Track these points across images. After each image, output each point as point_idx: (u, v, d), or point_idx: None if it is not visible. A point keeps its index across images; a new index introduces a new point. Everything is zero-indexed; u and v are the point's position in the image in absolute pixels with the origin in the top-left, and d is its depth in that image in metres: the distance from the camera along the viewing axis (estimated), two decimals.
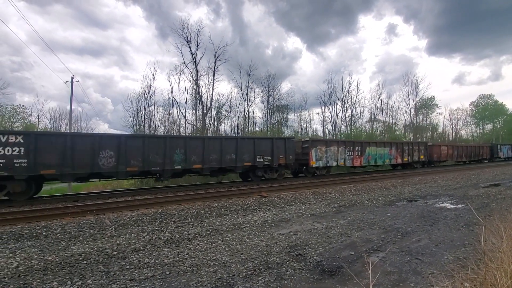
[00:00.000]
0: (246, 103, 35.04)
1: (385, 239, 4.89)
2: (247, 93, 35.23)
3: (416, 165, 22.74)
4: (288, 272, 3.54)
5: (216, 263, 3.89)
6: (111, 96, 73.35)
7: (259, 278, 3.38)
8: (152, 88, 31.68)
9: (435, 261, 3.84)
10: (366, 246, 4.50)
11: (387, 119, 42.84)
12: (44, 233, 5.66)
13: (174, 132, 29.43)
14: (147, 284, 3.31)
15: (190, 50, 28.83)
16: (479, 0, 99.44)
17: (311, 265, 3.78)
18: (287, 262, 3.87)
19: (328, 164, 16.37)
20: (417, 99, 45.51)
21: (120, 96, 77.27)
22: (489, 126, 56.89)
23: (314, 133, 40.05)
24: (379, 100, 42.98)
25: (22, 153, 8.79)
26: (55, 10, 77.97)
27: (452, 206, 7.71)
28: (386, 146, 20.24)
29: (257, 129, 35.84)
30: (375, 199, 9.09)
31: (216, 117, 32.23)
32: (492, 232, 3.58)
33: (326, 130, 39.44)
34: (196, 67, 28.77)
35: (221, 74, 53.70)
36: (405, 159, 21.27)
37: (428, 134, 46.96)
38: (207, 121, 29.90)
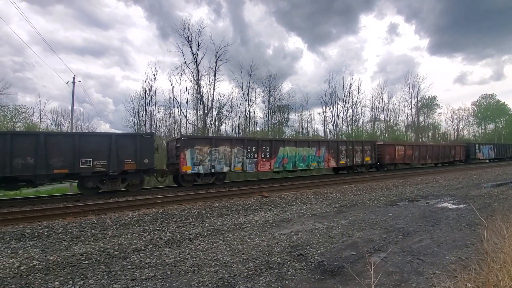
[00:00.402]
0: (247, 103, 35.03)
1: (387, 239, 4.88)
2: (248, 93, 35.21)
3: (361, 169, 18.53)
4: (289, 272, 3.54)
5: (217, 263, 3.89)
6: (112, 96, 73.53)
7: (260, 278, 3.38)
8: (153, 88, 31.61)
9: (437, 261, 3.82)
10: (368, 246, 4.49)
11: (388, 119, 42.71)
12: (46, 233, 5.67)
13: (175, 132, 29.44)
14: (148, 284, 3.31)
15: (191, 50, 28.86)
16: None
17: (313, 265, 3.77)
18: (288, 262, 3.87)
19: (215, 170, 12.35)
20: (419, 99, 45.31)
21: (121, 96, 77.43)
22: (491, 126, 56.69)
23: (315, 133, 40.02)
24: (381, 100, 42.82)
25: None
26: (57, 10, 78.30)
27: (454, 206, 7.68)
28: (312, 146, 15.74)
29: (258, 129, 35.87)
30: (376, 199, 9.07)
31: (217, 117, 32.26)
32: (495, 232, 3.56)
33: (327, 130, 39.45)
34: (197, 67, 28.79)
35: (222, 74, 53.81)
36: (342, 161, 16.97)
37: (430, 134, 46.82)
38: (208, 121, 29.93)
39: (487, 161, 32.31)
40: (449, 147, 26.26)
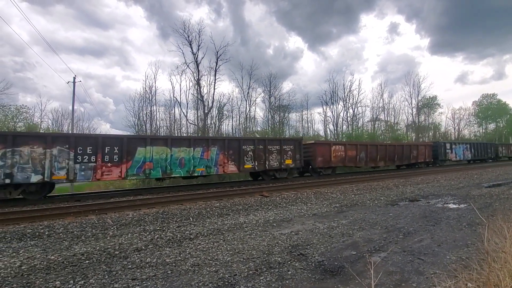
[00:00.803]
0: (247, 103, 35.12)
1: (387, 239, 4.88)
2: (248, 92, 35.32)
3: (280, 174, 14.72)
4: (289, 272, 3.54)
5: (218, 263, 3.90)
6: (113, 96, 73.69)
7: (261, 278, 3.38)
8: (153, 88, 31.78)
9: (438, 261, 3.82)
10: (368, 246, 4.48)
11: (389, 119, 42.74)
12: (46, 233, 5.69)
13: (176, 132, 29.42)
14: (149, 283, 3.32)
15: (192, 50, 28.96)
16: None
17: (313, 265, 3.77)
18: (289, 262, 3.87)
19: (13, 181, 8.84)
20: (419, 98, 45.38)
21: (122, 96, 77.58)
22: (492, 126, 56.64)
23: (316, 133, 40.04)
24: (381, 100, 42.90)
25: None
26: (57, 10, 78.40)
27: (454, 206, 7.67)
28: (196, 145, 11.96)
29: (259, 128, 35.89)
30: (377, 199, 9.07)
31: (217, 117, 32.32)
32: (495, 232, 3.56)
33: (328, 130, 39.46)
34: (198, 67, 28.88)
35: (222, 74, 54.19)
36: (247, 166, 13.24)
37: (431, 133, 46.79)
38: (209, 121, 29.97)
39: (467, 162, 28.81)
40: (409, 147, 22.20)
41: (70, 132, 25.02)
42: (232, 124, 35.48)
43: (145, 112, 31.05)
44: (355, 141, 23.07)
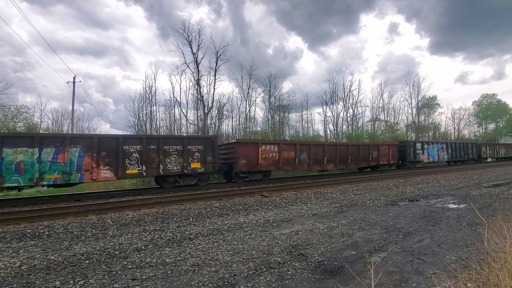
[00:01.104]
0: (247, 103, 35.14)
1: (387, 239, 4.88)
2: (248, 92, 35.33)
3: (186, 180, 12.07)
4: (289, 272, 3.54)
5: (218, 263, 3.90)
6: (113, 96, 73.65)
7: (261, 278, 3.38)
8: (153, 88, 31.75)
9: (438, 261, 3.82)
10: (368, 246, 4.49)
11: (388, 119, 42.76)
12: (46, 233, 5.69)
13: (175, 132, 29.38)
14: (149, 283, 3.32)
15: (192, 50, 28.94)
16: None
17: (313, 265, 3.77)
18: (289, 262, 3.87)
19: None
20: (419, 98, 45.40)
21: (122, 96, 77.56)
22: (491, 126, 56.69)
23: (316, 133, 40.03)
24: (381, 100, 42.89)
25: None
26: (57, 10, 78.34)
27: (454, 206, 7.67)
28: (44, 145, 9.07)
29: (258, 128, 35.90)
30: (376, 199, 9.07)
31: (217, 117, 32.32)
32: (495, 232, 3.56)
33: (328, 130, 39.47)
34: (198, 67, 28.87)
35: (222, 74, 54.13)
36: (131, 171, 10.50)
37: (430, 133, 46.80)
38: (209, 121, 29.97)
39: (448, 164, 26.02)
40: (367, 147, 18.50)
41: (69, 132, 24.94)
42: (232, 124, 35.54)
43: (145, 112, 31.07)
44: (294, 141, 19.66)
